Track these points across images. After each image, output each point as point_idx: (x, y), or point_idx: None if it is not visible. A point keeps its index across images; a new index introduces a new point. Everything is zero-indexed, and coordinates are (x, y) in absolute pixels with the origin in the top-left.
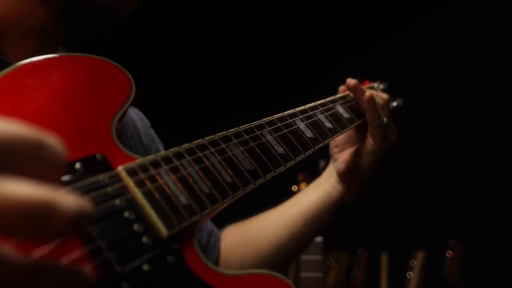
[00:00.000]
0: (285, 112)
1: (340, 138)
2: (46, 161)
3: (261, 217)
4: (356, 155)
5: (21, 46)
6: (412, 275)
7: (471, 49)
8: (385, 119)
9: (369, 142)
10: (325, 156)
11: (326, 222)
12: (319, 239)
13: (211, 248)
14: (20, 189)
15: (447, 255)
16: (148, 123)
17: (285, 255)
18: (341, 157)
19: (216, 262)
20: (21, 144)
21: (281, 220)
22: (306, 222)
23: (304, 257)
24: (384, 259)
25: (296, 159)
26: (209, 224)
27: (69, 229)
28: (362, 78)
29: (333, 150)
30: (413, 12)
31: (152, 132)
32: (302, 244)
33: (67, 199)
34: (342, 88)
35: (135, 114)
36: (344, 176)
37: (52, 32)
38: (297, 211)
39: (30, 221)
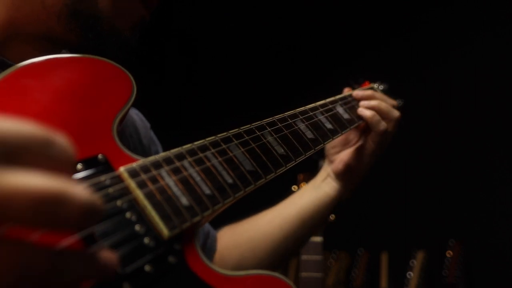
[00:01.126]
0: (285, 113)
1: (338, 139)
2: (55, 158)
3: (257, 217)
4: (354, 156)
5: (25, 50)
6: (412, 275)
7: (472, 50)
8: (388, 126)
9: (370, 144)
10: (325, 156)
11: (322, 223)
12: (319, 239)
13: (207, 249)
14: (33, 180)
15: (447, 255)
16: (148, 124)
17: (281, 255)
18: (339, 157)
19: (212, 262)
20: (30, 142)
21: (277, 220)
22: (303, 222)
23: (304, 257)
24: (384, 259)
25: (297, 160)
26: (206, 225)
27: (81, 220)
28: (362, 78)
29: (330, 151)
30: (413, 13)
31: (151, 133)
32: (298, 244)
33: (79, 190)
34: (347, 89)
35: (134, 114)
36: (341, 175)
37: (59, 39)
38: (294, 211)
39: (43, 210)
